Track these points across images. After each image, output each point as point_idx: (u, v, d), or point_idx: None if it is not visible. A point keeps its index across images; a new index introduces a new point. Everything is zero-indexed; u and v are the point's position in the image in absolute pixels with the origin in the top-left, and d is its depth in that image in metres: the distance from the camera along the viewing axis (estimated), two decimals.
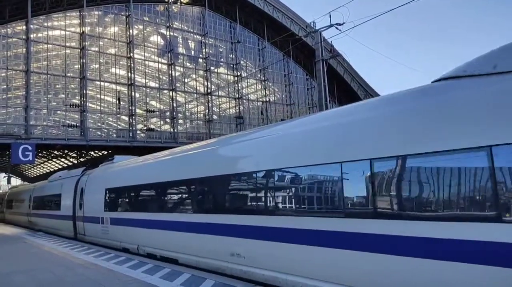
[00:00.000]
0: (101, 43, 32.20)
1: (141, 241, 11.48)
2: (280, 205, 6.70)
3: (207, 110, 36.82)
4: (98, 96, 32.08)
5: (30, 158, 24.09)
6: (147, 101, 34.23)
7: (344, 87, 43.68)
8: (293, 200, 6.46)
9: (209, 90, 36.74)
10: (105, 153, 38.31)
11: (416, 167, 4.73)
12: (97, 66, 31.87)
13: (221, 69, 38.80)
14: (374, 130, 5.39)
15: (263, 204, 7.02)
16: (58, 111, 30.28)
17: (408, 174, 4.83)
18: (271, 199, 6.89)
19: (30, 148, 23.93)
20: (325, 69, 20.58)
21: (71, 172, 20.08)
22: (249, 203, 7.48)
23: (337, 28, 19.71)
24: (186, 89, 36.61)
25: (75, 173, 18.49)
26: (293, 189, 6.42)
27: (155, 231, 10.58)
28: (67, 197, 17.61)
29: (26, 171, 67.05)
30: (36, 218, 23.15)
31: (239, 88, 39.13)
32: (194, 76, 37.13)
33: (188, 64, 36.57)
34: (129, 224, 12.04)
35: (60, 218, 18.28)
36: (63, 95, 30.35)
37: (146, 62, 34.46)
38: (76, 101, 30.40)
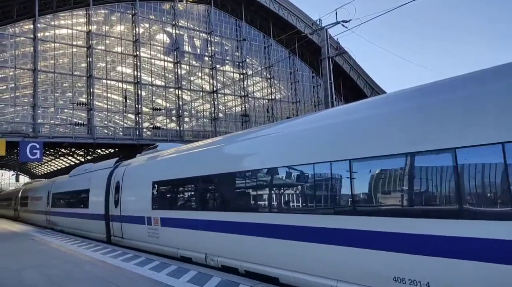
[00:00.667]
0: (107, 41, 32.37)
1: (212, 248, 8.75)
2: None
3: (212, 108, 36.89)
4: (105, 94, 32.30)
5: (38, 156, 24.30)
6: (153, 99, 34.38)
7: (350, 85, 43.51)
8: None
9: (214, 88, 36.79)
10: (112, 151, 38.55)
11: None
12: (103, 64, 32.05)
13: (227, 67, 38.83)
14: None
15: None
16: (65, 110, 30.52)
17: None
18: None
19: (37, 146, 24.14)
20: (331, 67, 20.50)
21: (99, 164, 17.43)
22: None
23: (343, 25, 19.61)
24: (192, 87, 36.71)
25: (107, 165, 15.86)
26: None
27: (239, 237, 7.74)
28: (97, 193, 15.12)
29: (34, 169, 67.73)
30: (57, 217, 20.54)
31: (245, 86, 39.12)
32: (200, 74, 37.21)
33: (194, 62, 36.65)
34: (193, 226, 9.31)
35: (88, 217, 15.72)
36: (70, 94, 30.59)
37: (152, 60, 34.59)
38: (83, 99, 30.62)
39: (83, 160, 44.04)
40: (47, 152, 41.55)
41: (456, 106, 4.80)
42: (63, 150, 40.05)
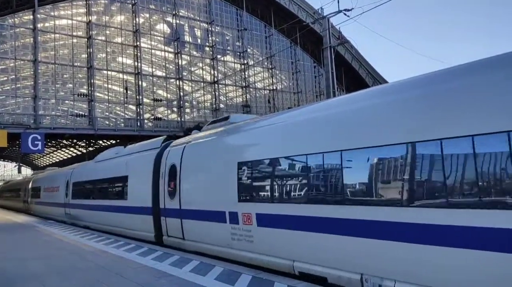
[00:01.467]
0: (107, 32, 32.18)
1: (376, 266, 5.40)
2: None
3: (214, 99, 36.78)
4: (106, 85, 32.22)
5: (40, 147, 24.35)
6: (154, 90, 34.28)
7: (352, 75, 43.26)
8: None
9: (215, 79, 36.63)
10: (113, 141, 38.59)
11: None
12: (104, 55, 31.91)
13: (228, 58, 38.61)
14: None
15: None
16: (66, 101, 30.49)
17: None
18: None
19: (39, 137, 24.17)
20: (332, 57, 20.36)
21: (138, 145, 14.23)
22: None
23: (345, 14, 19.45)
24: (192, 78, 36.56)
25: (150, 145, 12.73)
26: None
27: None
28: (140, 181, 12.07)
29: (36, 161, 68.00)
30: (80, 210, 17.35)
31: (246, 76, 38.94)
32: (200, 64, 37.02)
33: (194, 52, 36.44)
34: (333, 229, 5.98)
35: (127, 211, 12.71)
36: (70, 85, 30.52)
37: (153, 51, 34.41)
38: (83, 91, 30.55)
39: (84, 151, 44.10)
40: (49, 143, 41.54)
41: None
42: (64, 141, 40.07)
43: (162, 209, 10.72)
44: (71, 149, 48.00)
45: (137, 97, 32.48)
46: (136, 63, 32.90)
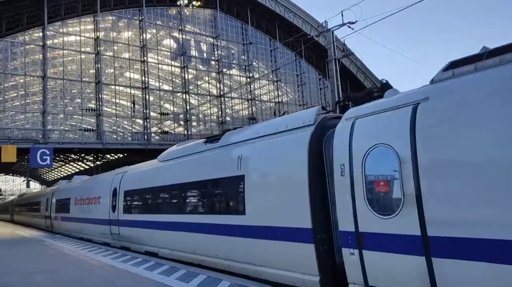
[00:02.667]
0: (115, 47, 32.70)
1: None
2: None
3: (220, 112, 36.98)
4: (113, 100, 32.61)
5: (48, 161, 24.61)
6: (161, 104, 34.59)
7: (358, 86, 43.28)
8: None
9: (221, 92, 36.90)
10: (121, 155, 38.82)
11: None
12: (111, 70, 32.37)
13: (234, 71, 38.94)
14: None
15: None
16: (75, 116, 30.86)
17: None
18: None
19: (48, 152, 24.44)
20: (337, 69, 20.43)
21: (251, 130, 8.88)
22: None
23: (349, 27, 19.58)
24: (199, 91, 36.87)
25: (288, 122, 7.58)
26: None
27: None
28: (274, 183, 7.42)
29: (44, 175, 68.52)
30: (139, 229, 12.19)
31: (252, 89, 39.18)
32: (206, 78, 37.35)
33: (200, 66, 36.83)
34: None
35: (246, 234, 7.80)
36: (79, 100, 30.94)
37: (160, 65, 34.84)
38: (92, 105, 30.92)
39: (92, 165, 44.39)
40: (57, 158, 41.98)
41: None
42: (72, 156, 40.44)
43: (354, 234, 5.45)
44: (79, 163, 48.36)
45: (144, 111, 32.78)
46: (143, 77, 33.31)
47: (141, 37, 33.81)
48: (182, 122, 35.22)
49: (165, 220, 10.75)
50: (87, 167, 47.25)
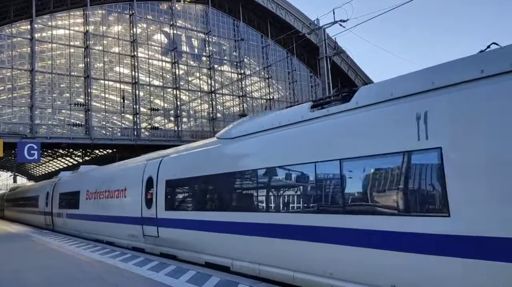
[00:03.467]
0: (105, 42, 32.30)
1: None
2: None
3: (211, 109, 36.87)
4: (103, 95, 32.25)
5: (36, 156, 24.23)
6: (151, 99, 34.33)
7: (348, 84, 43.52)
8: None
9: (213, 89, 36.77)
10: (110, 151, 38.49)
11: None
12: (101, 65, 31.99)
13: (225, 67, 38.81)
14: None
15: None
16: (63, 110, 30.46)
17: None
18: None
19: (35, 147, 24.07)
20: (329, 67, 20.53)
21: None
22: None
23: (341, 25, 19.65)
24: (190, 87, 36.67)
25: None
26: None
27: None
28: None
29: (32, 170, 67.56)
30: (195, 233, 9.33)
31: (243, 86, 39.11)
32: (197, 74, 37.17)
33: (191, 62, 36.61)
34: None
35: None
36: (67, 94, 30.53)
37: (150, 60, 34.54)
38: (80, 100, 30.55)
39: (81, 160, 43.94)
40: (45, 153, 41.44)
41: None
42: (60, 151, 39.97)
43: None
44: (67, 158, 47.81)
45: (134, 106, 32.51)
46: (133, 73, 33.00)
47: (132, 31, 33.44)
48: (172, 118, 35.01)
49: (249, 221, 7.47)
50: (75, 162, 46.75)
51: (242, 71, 38.88)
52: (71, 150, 38.38)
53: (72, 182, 19.09)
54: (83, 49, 31.08)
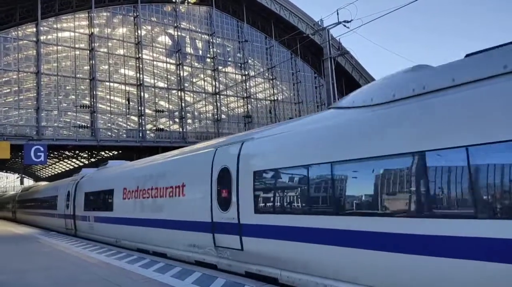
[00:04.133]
0: (109, 44, 32.50)
1: None
2: None
3: (215, 110, 36.94)
4: (108, 97, 32.43)
5: (42, 158, 24.39)
6: (156, 101, 34.47)
7: (353, 85, 43.38)
8: None
9: (217, 90, 36.84)
10: (115, 153, 38.68)
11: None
12: (106, 67, 32.18)
13: (229, 69, 38.89)
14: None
15: None
16: (69, 113, 30.67)
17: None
18: None
19: (42, 149, 24.23)
20: (333, 67, 20.50)
21: None
22: None
23: (345, 25, 19.65)
24: (194, 89, 36.78)
25: None
26: None
27: None
28: None
29: (38, 172, 68.06)
30: (330, 248, 5.84)
31: (247, 87, 39.15)
32: (202, 76, 37.28)
33: (196, 64, 36.72)
34: None
35: None
36: (73, 97, 30.73)
37: (155, 62, 34.68)
38: (86, 102, 30.75)
39: (87, 162, 44.18)
40: (51, 155, 41.70)
41: None
42: (67, 153, 40.23)
43: None
44: (74, 160, 48.09)
45: (139, 108, 32.66)
46: (138, 74, 33.16)
47: (136, 33, 33.62)
48: (177, 120, 35.13)
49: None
50: (81, 163, 47.02)
51: (246, 73, 38.92)
52: (77, 151, 38.61)
53: (101, 179, 16.05)
54: (88, 51, 31.28)
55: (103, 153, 40.00)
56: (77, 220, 17.40)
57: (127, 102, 32.39)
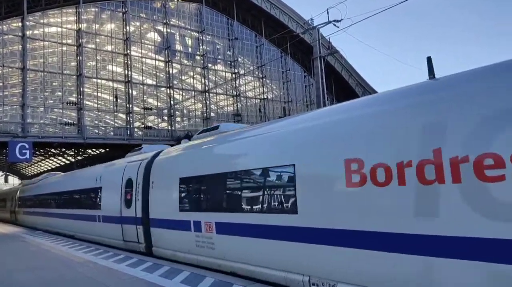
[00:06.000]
0: (97, 40, 32.05)
1: None
2: None
3: (204, 108, 36.77)
4: (95, 94, 31.99)
5: (27, 156, 24.04)
6: (144, 98, 34.14)
7: (342, 85, 43.73)
8: None
9: (206, 88, 36.67)
10: (103, 151, 38.23)
11: None
12: (93, 63, 31.74)
13: (219, 67, 38.73)
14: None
15: None
16: (55, 109, 30.15)
17: None
18: None
19: (27, 146, 23.86)
20: (322, 67, 20.57)
21: None
22: None
23: (335, 25, 19.72)
24: (183, 86, 36.53)
25: None
26: None
27: None
28: None
29: (24, 169, 66.87)
30: None
31: (237, 85, 39.07)
32: (191, 73, 37.04)
33: (185, 61, 36.48)
34: None
35: None
36: (60, 93, 30.23)
37: (143, 59, 34.34)
38: (73, 99, 30.28)
39: (73, 160, 43.60)
40: (37, 152, 41.01)
41: None
42: (53, 150, 39.59)
43: None
44: (60, 158, 47.38)
45: (127, 105, 32.30)
46: (126, 71, 32.78)
47: (125, 29, 33.22)
48: (166, 118, 34.87)
49: None
50: (67, 161, 46.37)
51: (236, 71, 38.83)
52: (64, 149, 38.03)
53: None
54: (75, 47, 30.80)
55: (89, 151, 39.50)
56: (154, 228, 10.41)
57: (114, 99, 32.00)
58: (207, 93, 36.70)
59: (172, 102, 34.72)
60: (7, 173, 45.77)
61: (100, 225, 13.45)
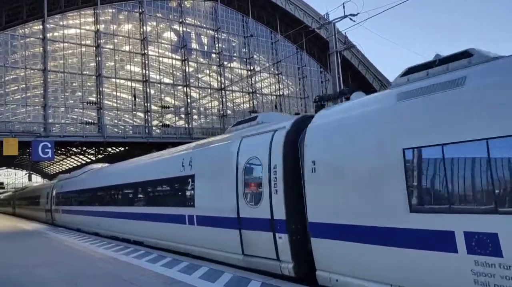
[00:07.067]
0: (115, 40, 32.54)
1: None
2: None
3: (221, 105, 36.91)
4: (114, 93, 32.54)
5: (50, 155, 24.63)
6: (162, 97, 34.52)
7: (359, 79, 43.12)
8: None
9: (222, 85, 36.79)
10: (122, 149, 38.87)
11: None
12: (112, 63, 32.25)
13: (235, 64, 38.78)
14: None
15: None
16: (76, 109, 30.81)
17: None
18: None
19: (49, 145, 24.47)
20: (339, 61, 20.32)
21: None
22: None
23: (351, 19, 19.46)
24: (200, 84, 36.75)
25: None
26: None
27: None
28: None
29: (46, 168, 68.71)
30: None
31: (253, 82, 39.04)
32: (207, 71, 37.22)
33: (201, 59, 36.67)
34: None
35: None
36: (80, 93, 30.87)
37: (160, 58, 34.69)
38: (92, 98, 30.86)
39: (94, 158, 44.51)
40: (59, 151, 42.05)
41: None
42: (74, 149, 40.50)
43: None
44: (81, 157, 48.45)
45: (145, 104, 32.73)
46: (144, 71, 33.19)
47: (141, 29, 33.63)
48: (183, 116, 35.17)
49: None
50: (88, 160, 47.37)
51: (252, 68, 38.80)
52: (84, 148, 38.86)
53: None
54: (94, 48, 31.37)
55: (109, 149, 40.23)
56: (320, 236, 6.50)
57: (133, 98, 32.46)
58: (223, 91, 36.82)
59: (189, 100, 34.99)
60: (31, 172, 47.06)
61: (194, 229, 9.70)
